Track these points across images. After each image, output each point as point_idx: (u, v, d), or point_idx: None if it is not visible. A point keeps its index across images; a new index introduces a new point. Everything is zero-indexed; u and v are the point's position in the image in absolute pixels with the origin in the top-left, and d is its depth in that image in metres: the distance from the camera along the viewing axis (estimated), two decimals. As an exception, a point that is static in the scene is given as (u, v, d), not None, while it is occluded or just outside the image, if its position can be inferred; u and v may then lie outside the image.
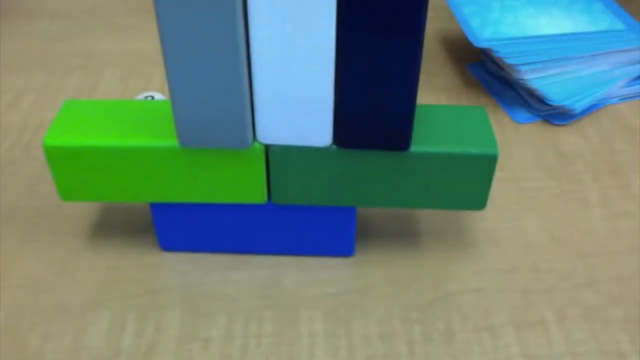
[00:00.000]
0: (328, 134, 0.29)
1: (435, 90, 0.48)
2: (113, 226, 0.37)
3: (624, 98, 0.47)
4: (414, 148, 0.29)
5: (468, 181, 0.30)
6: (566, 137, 0.44)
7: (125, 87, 0.48)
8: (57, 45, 0.54)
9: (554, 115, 0.45)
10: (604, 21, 0.49)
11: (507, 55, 0.45)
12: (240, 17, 0.25)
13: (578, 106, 0.44)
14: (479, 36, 0.47)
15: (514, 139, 0.43)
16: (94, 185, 0.31)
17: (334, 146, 0.29)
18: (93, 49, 0.53)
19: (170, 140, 0.29)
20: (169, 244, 0.35)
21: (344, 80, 0.27)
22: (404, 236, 0.36)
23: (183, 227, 0.34)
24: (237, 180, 0.31)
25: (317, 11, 0.25)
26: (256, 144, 0.29)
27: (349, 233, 0.34)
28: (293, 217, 0.33)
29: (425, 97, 0.47)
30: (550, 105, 0.44)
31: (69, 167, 0.30)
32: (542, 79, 0.45)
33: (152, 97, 0.45)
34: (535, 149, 0.43)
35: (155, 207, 0.33)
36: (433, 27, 0.56)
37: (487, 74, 0.49)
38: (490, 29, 0.48)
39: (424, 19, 0.25)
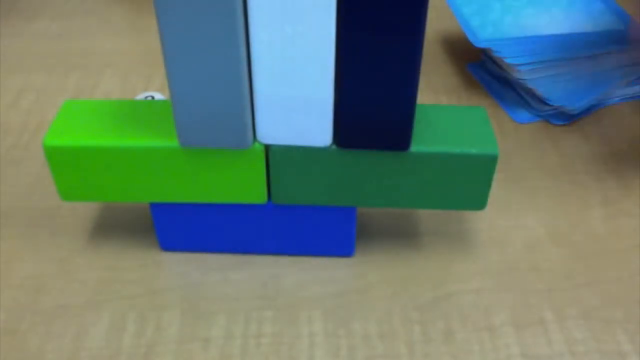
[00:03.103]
0: (328, 134, 0.29)
1: (435, 90, 0.48)
2: (113, 226, 0.37)
3: (624, 98, 0.47)
4: (414, 148, 0.29)
5: (468, 181, 0.30)
6: (566, 137, 0.44)
7: (125, 87, 0.48)
8: (57, 45, 0.54)
9: (554, 115, 0.45)
10: (604, 21, 0.49)
11: (507, 55, 0.45)
12: (240, 17, 0.25)
13: (578, 106, 0.44)
14: (479, 36, 0.47)
15: (514, 139, 0.43)
16: (94, 185, 0.31)
17: (334, 146, 0.29)
18: (93, 49, 0.53)
19: (170, 140, 0.29)
20: (169, 244, 0.35)
21: (344, 80, 0.27)
22: (404, 236, 0.36)
23: (183, 227, 0.34)
24: (237, 180, 0.31)
25: (317, 11, 0.25)
26: (256, 144, 0.29)
27: (349, 233, 0.34)
28: (293, 217, 0.33)
29: (425, 97, 0.47)
30: (550, 105, 0.44)
31: (69, 167, 0.30)
32: (542, 79, 0.45)
33: (152, 97, 0.45)
34: (535, 149, 0.43)
35: (155, 207, 0.33)
36: (433, 27, 0.56)
37: (487, 74, 0.49)
38: (490, 29, 0.48)
39: (424, 19, 0.25)
